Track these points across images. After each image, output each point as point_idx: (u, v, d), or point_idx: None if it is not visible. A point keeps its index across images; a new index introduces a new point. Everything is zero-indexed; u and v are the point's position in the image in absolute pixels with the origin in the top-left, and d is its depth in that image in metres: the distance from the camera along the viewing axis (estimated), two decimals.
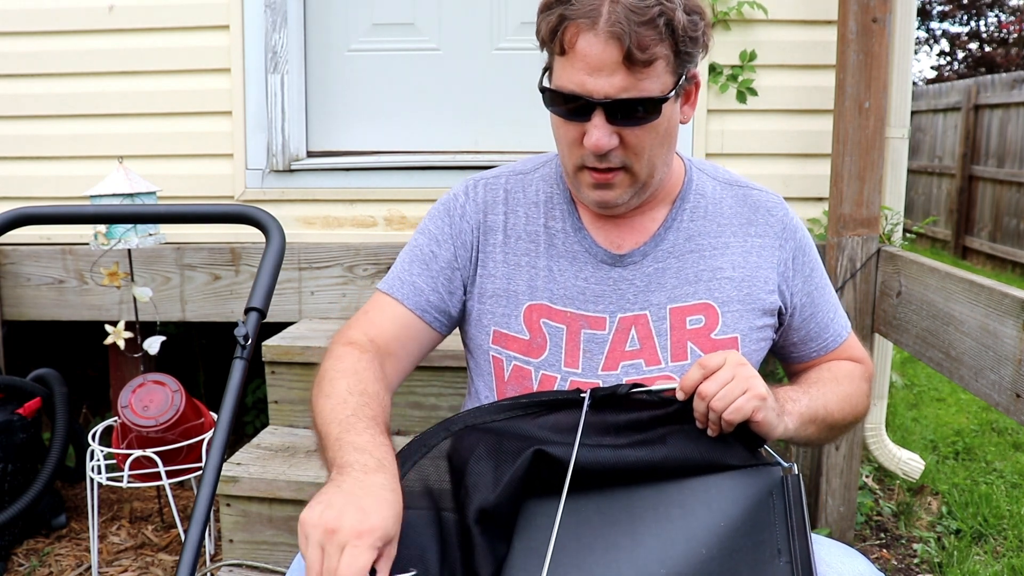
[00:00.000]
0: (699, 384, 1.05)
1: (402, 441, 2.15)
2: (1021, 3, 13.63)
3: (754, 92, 2.61)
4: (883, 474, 2.87)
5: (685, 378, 1.07)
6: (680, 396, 1.07)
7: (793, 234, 1.28)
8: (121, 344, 2.27)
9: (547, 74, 1.16)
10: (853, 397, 1.27)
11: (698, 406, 1.06)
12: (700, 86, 1.21)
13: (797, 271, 1.27)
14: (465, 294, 1.28)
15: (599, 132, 1.09)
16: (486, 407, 1.14)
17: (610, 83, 1.07)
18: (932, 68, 16.17)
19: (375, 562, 0.89)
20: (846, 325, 1.35)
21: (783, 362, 1.39)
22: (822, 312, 1.31)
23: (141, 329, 2.39)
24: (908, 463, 2.77)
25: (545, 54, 1.17)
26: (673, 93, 1.11)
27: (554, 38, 1.09)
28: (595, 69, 1.06)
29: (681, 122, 1.19)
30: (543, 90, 1.14)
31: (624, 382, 1.15)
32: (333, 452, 1.01)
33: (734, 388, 1.04)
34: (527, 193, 1.28)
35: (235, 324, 1.27)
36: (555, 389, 1.19)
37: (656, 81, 1.08)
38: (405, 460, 1.08)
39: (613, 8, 1.04)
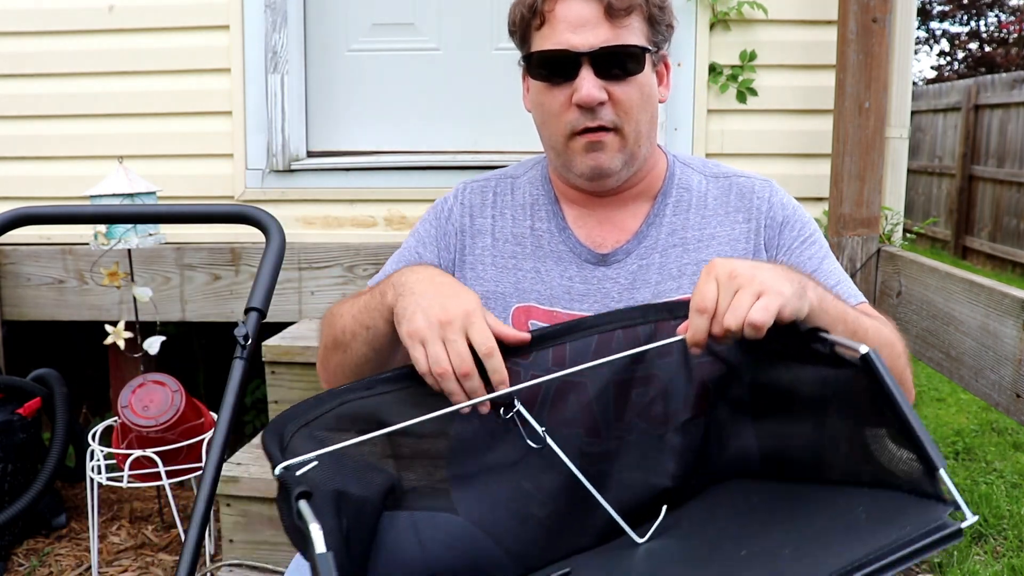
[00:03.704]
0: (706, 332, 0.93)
1: None
2: (1021, 3, 13.64)
3: (754, 92, 2.61)
4: None
5: (690, 332, 0.95)
6: (694, 352, 0.96)
7: (780, 211, 1.24)
8: (121, 344, 2.27)
9: (525, 62, 1.20)
10: (883, 336, 1.10)
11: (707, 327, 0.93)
12: (671, 69, 1.25)
13: (782, 245, 1.23)
14: None
15: (588, 83, 1.12)
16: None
17: (595, 35, 1.11)
18: (932, 68, 16.19)
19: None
20: (855, 294, 1.21)
21: None
22: (826, 277, 1.21)
23: (141, 329, 2.39)
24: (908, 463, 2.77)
25: (520, 46, 1.20)
26: (653, 51, 1.16)
27: (533, 13, 1.14)
28: (578, 26, 1.11)
29: (660, 101, 1.22)
30: (526, 57, 1.18)
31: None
32: (377, 299, 1.08)
33: (744, 299, 0.90)
34: (515, 196, 1.30)
35: (235, 324, 1.27)
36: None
37: (635, 35, 1.14)
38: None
39: None
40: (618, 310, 1.09)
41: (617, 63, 1.12)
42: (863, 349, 0.84)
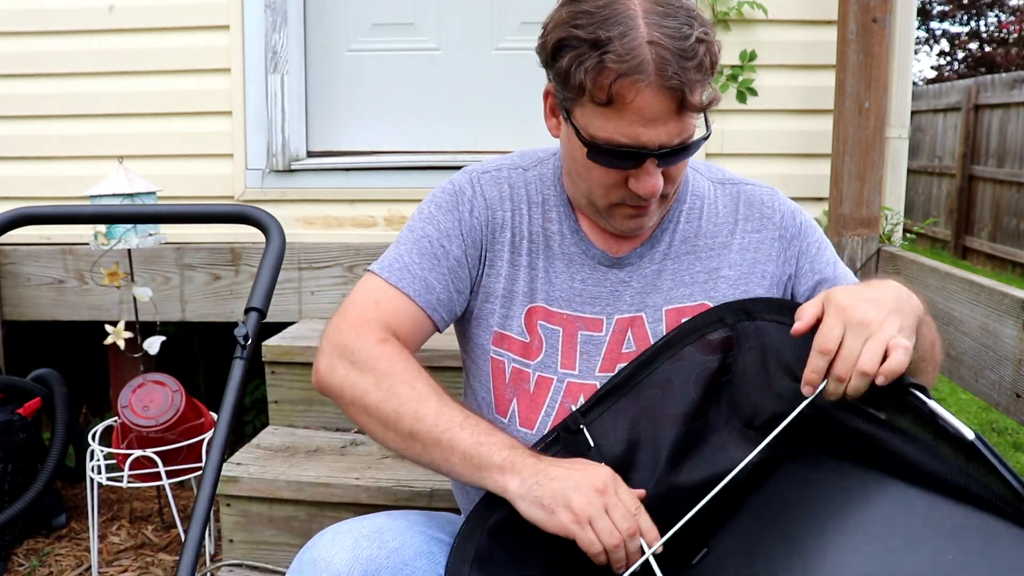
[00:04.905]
0: (826, 370, 0.97)
1: None
2: (1021, 3, 13.64)
3: (754, 92, 2.61)
4: None
5: (807, 372, 0.99)
6: (807, 391, 0.99)
7: (792, 221, 1.27)
8: (121, 344, 2.27)
9: (566, 112, 1.11)
10: (938, 351, 1.17)
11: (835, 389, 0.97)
12: None
13: (803, 253, 1.26)
14: (470, 293, 1.25)
15: (654, 179, 1.09)
16: None
17: (665, 131, 1.05)
18: (932, 68, 16.18)
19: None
20: None
21: None
22: (844, 280, 1.26)
23: (141, 329, 2.39)
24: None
25: (565, 97, 1.10)
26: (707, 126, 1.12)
27: (596, 86, 1.04)
28: (649, 120, 1.04)
29: None
30: (588, 145, 1.08)
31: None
32: (479, 454, 1.05)
33: (873, 351, 0.94)
34: (528, 191, 1.26)
35: (235, 324, 1.27)
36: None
37: (697, 117, 1.09)
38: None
39: (659, 54, 1.00)
40: (690, 320, 1.15)
41: (681, 155, 1.10)
42: (969, 435, 0.83)
